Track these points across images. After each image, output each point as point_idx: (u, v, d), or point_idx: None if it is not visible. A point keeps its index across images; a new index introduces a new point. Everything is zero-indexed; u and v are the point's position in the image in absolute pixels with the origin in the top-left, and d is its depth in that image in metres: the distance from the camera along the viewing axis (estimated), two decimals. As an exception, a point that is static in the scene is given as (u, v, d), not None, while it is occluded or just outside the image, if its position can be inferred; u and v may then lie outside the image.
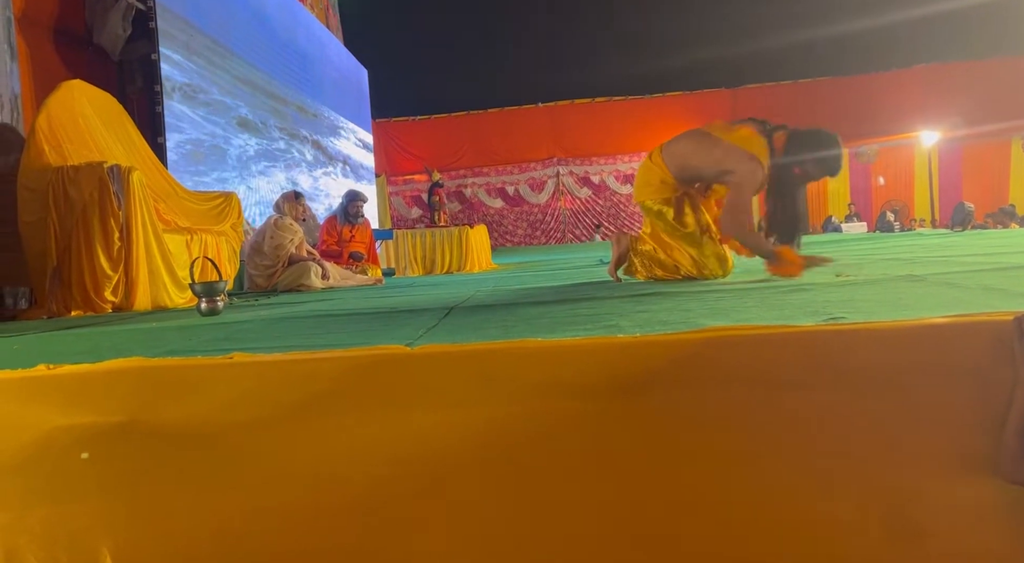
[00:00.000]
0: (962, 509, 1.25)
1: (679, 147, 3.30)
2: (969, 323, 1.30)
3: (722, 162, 3.11)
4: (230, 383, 1.36)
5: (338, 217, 6.58)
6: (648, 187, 3.35)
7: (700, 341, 1.34)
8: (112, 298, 3.76)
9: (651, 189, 3.33)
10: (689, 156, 3.25)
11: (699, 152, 3.21)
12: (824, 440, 1.28)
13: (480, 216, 18.17)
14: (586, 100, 18.55)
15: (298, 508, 1.33)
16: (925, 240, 7.17)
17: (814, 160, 3.02)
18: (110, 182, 3.78)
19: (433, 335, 1.76)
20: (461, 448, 1.33)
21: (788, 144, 3.03)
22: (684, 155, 3.27)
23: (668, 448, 1.32)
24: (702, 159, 3.20)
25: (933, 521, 1.25)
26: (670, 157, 3.30)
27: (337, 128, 11.56)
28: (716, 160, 3.13)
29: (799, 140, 3.03)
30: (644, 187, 3.38)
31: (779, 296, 2.13)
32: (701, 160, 3.21)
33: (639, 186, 3.43)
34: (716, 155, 3.13)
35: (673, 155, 3.30)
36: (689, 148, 3.26)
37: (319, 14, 12.57)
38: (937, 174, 16.29)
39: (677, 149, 3.30)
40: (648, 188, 3.35)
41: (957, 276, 2.42)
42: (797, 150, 3.01)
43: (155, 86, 5.91)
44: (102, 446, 1.34)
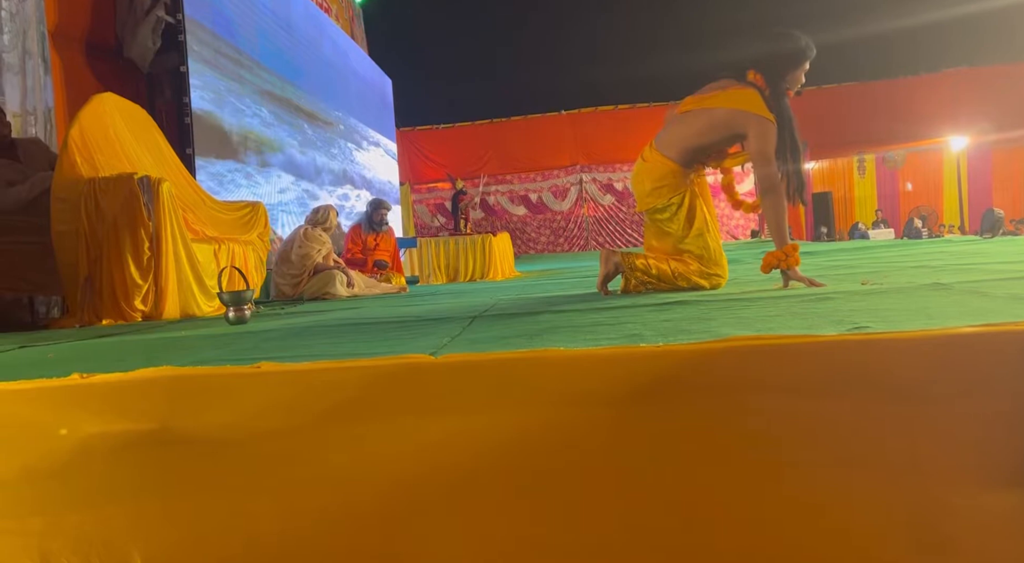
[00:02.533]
0: (990, 521, 1.23)
1: (672, 135, 3.25)
2: (996, 332, 1.29)
3: (730, 126, 3.08)
4: (258, 391, 1.38)
5: (363, 225, 6.64)
6: (655, 190, 3.26)
7: (723, 351, 1.34)
8: (142, 307, 3.82)
9: (658, 190, 3.25)
10: (689, 138, 3.19)
11: (697, 128, 3.17)
12: (849, 450, 1.28)
13: (503, 224, 18.21)
14: (609, 107, 18.56)
15: (326, 514, 1.35)
16: (953, 247, 7.07)
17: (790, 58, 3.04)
18: (140, 193, 3.84)
19: (457, 344, 1.77)
20: (485, 456, 1.34)
21: (765, 73, 3.04)
22: (684, 138, 3.21)
23: (691, 458, 1.32)
24: (704, 134, 3.16)
25: (960, 533, 1.24)
26: (668, 147, 3.24)
27: (362, 137, 11.66)
28: (716, 128, 3.11)
29: (769, 61, 3.05)
30: (651, 192, 3.28)
31: (804, 305, 2.12)
32: (703, 136, 3.17)
33: (645, 193, 3.32)
34: (716, 122, 3.10)
35: (670, 144, 3.24)
36: (684, 131, 3.21)
37: (344, 25, 12.71)
38: (966, 180, 16.07)
39: (671, 138, 3.25)
40: (655, 192, 3.26)
41: (985, 284, 2.39)
42: (774, 70, 3.04)
43: (183, 98, 6.01)
44: (135, 453, 1.36)
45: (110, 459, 1.36)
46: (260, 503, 1.36)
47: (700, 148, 3.23)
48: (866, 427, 1.27)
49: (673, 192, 3.24)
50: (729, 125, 3.10)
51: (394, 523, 1.35)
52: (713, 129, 3.14)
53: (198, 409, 1.39)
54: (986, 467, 1.24)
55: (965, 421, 1.25)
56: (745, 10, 19.48)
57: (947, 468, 1.25)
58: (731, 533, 1.30)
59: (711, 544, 1.30)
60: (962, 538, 1.24)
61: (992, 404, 1.25)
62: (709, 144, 3.22)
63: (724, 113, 3.08)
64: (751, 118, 3.01)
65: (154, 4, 5.84)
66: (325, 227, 5.62)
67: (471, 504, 1.34)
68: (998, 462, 1.24)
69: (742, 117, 3.03)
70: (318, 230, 5.57)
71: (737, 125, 3.07)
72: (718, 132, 3.15)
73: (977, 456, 1.25)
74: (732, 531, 1.30)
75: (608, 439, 1.33)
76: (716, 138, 3.19)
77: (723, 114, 3.08)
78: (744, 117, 3.03)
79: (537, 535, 1.33)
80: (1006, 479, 1.23)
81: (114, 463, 1.37)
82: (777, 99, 3.03)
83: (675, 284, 3.22)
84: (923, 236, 13.62)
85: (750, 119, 3.01)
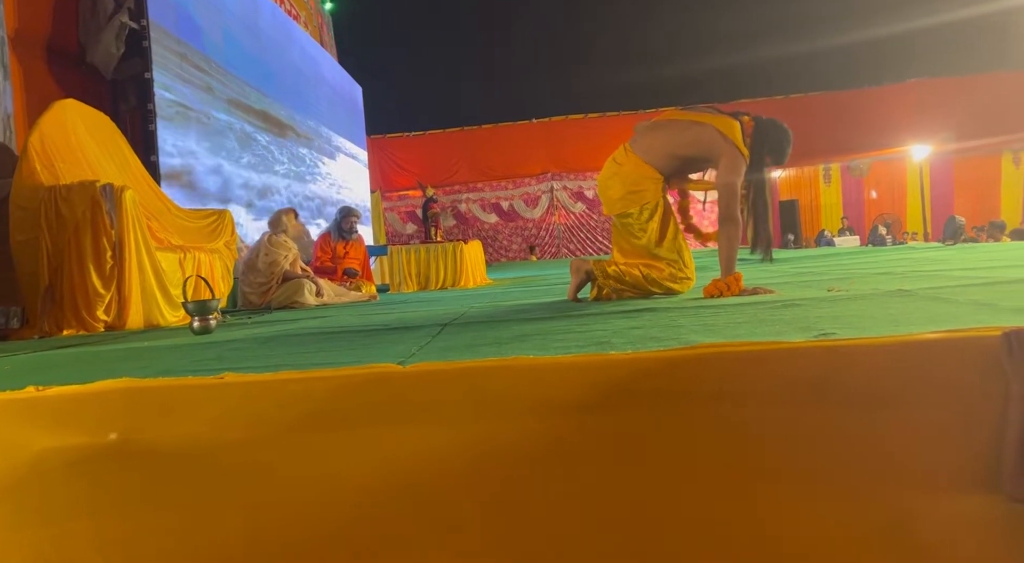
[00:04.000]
0: (960, 526, 1.25)
1: (656, 140, 3.25)
2: (959, 338, 1.30)
3: (711, 147, 3.11)
4: (221, 403, 1.36)
5: (332, 233, 6.58)
6: (629, 195, 3.25)
7: (692, 358, 1.35)
8: (104, 317, 3.75)
9: (631, 195, 3.24)
10: (678, 146, 3.21)
11: (685, 139, 3.18)
12: (819, 457, 1.28)
13: (475, 231, 18.20)
14: (579, 116, 18.66)
15: (293, 527, 1.33)
16: (916, 254, 7.19)
17: (776, 149, 3.11)
18: (103, 201, 3.77)
19: (426, 352, 1.76)
20: (454, 466, 1.32)
21: (757, 127, 3.10)
22: (671, 145, 3.21)
23: (662, 465, 1.32)
24: (691, 145, 3.18)
25: (932, 538, 1.25)
26: (649, 152, 3.24)
27: (331, 145, 11.59)
28: (701, 142, 3.14)
29: (763, 127, 3.11)
30: (623, 197, 3.26)
31: (771, 312, 2.13)
32: (690, 147, 3.19)
33: (616, 198, 3.30)
34: (703, 137, 3.13)
35: (652, 149, 3.23)
36: (671, 138, 3.22)
37: (313, 32, 12.64)
38: (929, 188, 16.38)
39: (654, 143, 3.25)
40: (628, 197, 3.25)
41: (947, 291, 2.43)
42: (763, 137, 3.09)
43: (148, 105, 5.92)
44: (93, 467, 1.33)
45: (67, 474, 1.33)
46: (224, 517, 1.34)
47: (683, 158, 3.25)
48: (834, 434, 1.28)
49: (645, 199, 3.24)
50: (711, 146, 3.13)
51: (363, 535, 1.33)
52: (698, 143, 3.16)
53: (159, 422, 1.36)
54: (955, 472, 1.25)
55: (932, 427, 1.26)
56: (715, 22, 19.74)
57: (917, 474, 1.26)
58: (701, 540, 1.30)
59: (682, 550, 1.30)
60: (934, 543, 1.24)
61: (957, 409, 1.26)
62: (689, 157, 3.25)
63: (712, 132, 3.11)
64: (730, 147, 3.06)
65: (117, 9, 5.75)
66: (288, 231, 5.53)
67: (441, 515, 1.32)
68: (966, 467, 1.25)
69: (723, 142, 3.08)
70: (282, 236, 5.50)
71: (716, 148, 3.11)
72: (700, 149, 3.18)
73: (946, 462, 1.26)
74: (702, 538, 1.30)
75: (578, 447, 1.32)
76: (696, 154, 3.21)
77: (711, 132, 3.11)
78: (725, 143, 3.07)
79: (509, 545, 1.31)
80: (975, 484, 1.24)
81: (71, 478, 1.33)
82: (758, 153, 3.09)
83: (648, 290, 3.23)
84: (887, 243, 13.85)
85: (729, 147, 3.06)
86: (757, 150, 3.09)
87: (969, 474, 1.25)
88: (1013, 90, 15.57)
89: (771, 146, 3.12)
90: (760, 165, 3.11)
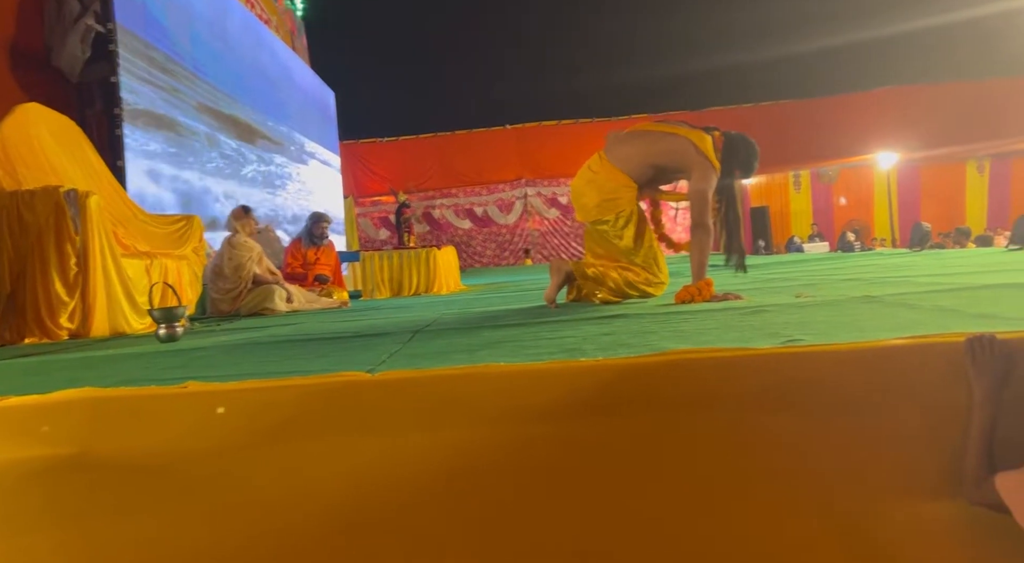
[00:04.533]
0: (921, 529, 1.26)
1: (632, 149, 3.28)
2: (924, 344, 1.32)
3: (684, 158, 3.16)
4: (185, 413, 1.33)
5: (302, 239, 6.52)
6: (604, 202, 3.28)
7: (662, 364, 1.35)
8: (68, 325, 3.68)
9: (607, 203, 3.28)
10: (652, 156, 3.25)
11: (660, 149, 3.23)
12: (785, 461, 1.29)
13: (448, 237, 18.16)
14: (553, 122, 18.71)
15: (260, 537, 1.31)
16: (884, 260, 7.31)
17: (744, 164, 3.19)
18: (67, 206, 3.71)
19: (396, 360, 1.74)
20: (424, 475, 1.31)
21: (726, 141, 3.17)
22: (646, 155, 3.25)
23: (631, 471, 1.32)
24: (664, 155, 3.23)
25: (893, 541, 1.26)
26: (624, 161, 3.27)
27: (303, 150, 11.50)
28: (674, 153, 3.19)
29: (733, 142, 3.18)
30: (598, 205, 3.30)
31: (739, 318, 2.15)
32: (663, 157, 3.23)
33: (592, 205, 3.33)
34: (677, 148, 3.18)
35: (628, 159, 3.27)
36: (647, 148, 3.25)
37: (284, 36, 12.56)
38: (896, 195, 16.65)
39: (630, 152, 3.28)
40: (603, 205, 3.28)
41: (913, 297, 2.47)
42: (733, 151, 3.16)
43: (115, 109, 5.83)
44: (55, 479, 1.30)
45: (28, 486, 1.29)
46: (189, 528, 1.31)
47: (657, 168, 3.30)
48: (800, 438, 1.29)
49: (620, 207, 3.28)
50: (684, 157, 3.18)
51: (332, 546, 1.31)
52: (672, 153, 3.21)
53: (122, 432, 1.33)
54: (918, 476, 1.27)
55: (896, 431, 1.27)
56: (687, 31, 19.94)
57: (880, 478, 1.27)
58: (668, 543, 1.30)
59: (650, 554, 1.30)
60: (895, 547, 1.26)
61: (922, 414, 1.28)
62: (663, 167, 3.29)
63: (685, 143, 3.16)
64: (702, 158, 3.12)
65: (83, 12, 5.66)
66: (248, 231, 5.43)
67: (411, 524, 1.31)
68: (929, 471, 1.26)
69: (695, 154, 3.14)
70: (241, 236, 5.40)
71: (689, 159, 3.16)
72: (674, 159, 3.22)
73: (909, 466, 1.27)
74: (669, 541, 1.30)
75: (550, 454, 1.32)
76: (670, 164, 3.26)
77: (684, 144, 3.16)
78: (697, 155, 3.13)
79: (481, 554, 1.31)
80: (937, 488, 1.26)
81: (33, 490, 1.30)
82: (727, 166, 3.16)
83: (625, 292, 3.28)
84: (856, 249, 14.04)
85: (701, 159, 3.12)
86: (727, 163, 3.16)
87: (933, 478, 1.26)
88: (978, 99, 15.90)
89: (740, 161, 3.19)
90: (730, 177, 3.19)
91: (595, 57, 21.40)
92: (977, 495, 1.21)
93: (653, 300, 3.25)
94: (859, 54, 17.84)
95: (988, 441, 1.21)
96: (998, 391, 1.22)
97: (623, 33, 21.20)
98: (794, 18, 18.12)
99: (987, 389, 1.22)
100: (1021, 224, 8.62)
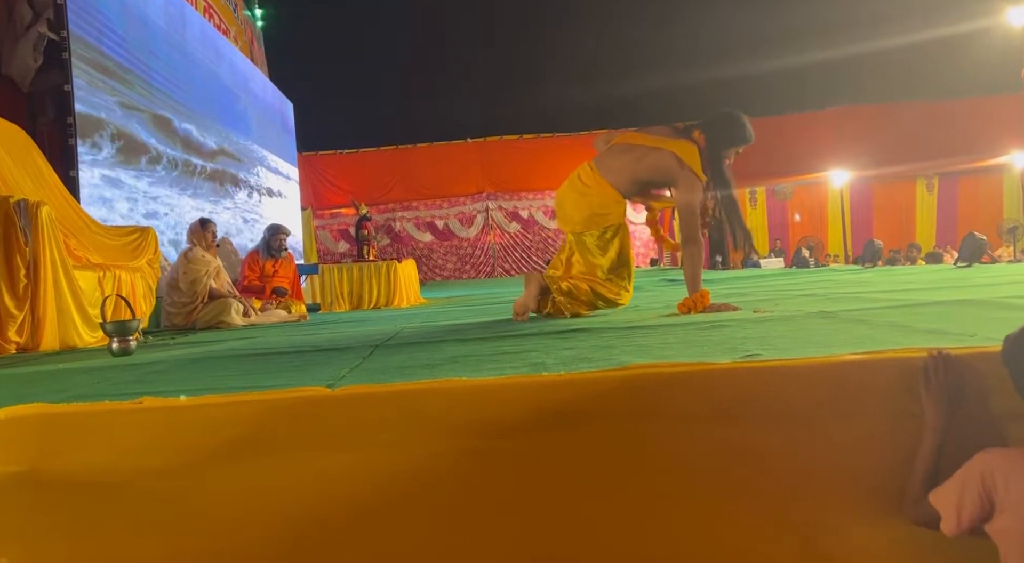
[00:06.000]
0: (873, 543, 1.28)
1: (620, 163, 3.30)
2: (878, 360, 1.35)
3: (669, 172, 3.20)
4: (140, 429, 1.30)
5: (260, 251, 6.43)
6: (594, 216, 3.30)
7: (623, 379, 1.36)
8: (16, 338, 3.58)
9: (597, 217, 3.30)
10: (639, 171, 3.28)
11: (646, 164, 3.25)
12: (743, 474, 1.31)
13: (409, 250, 18.09)
14: (514, 136, 18.81)
15: (217, 555, 1.28)
16: (838, 276, 7.47)
17: (732, 138, 3.22)
18: (16, 217, 3.61)
19: (356, 375, 1.73)
20: (385, 491, 1.30)
21: (707, 136, 3.19)
22: (633, 170, 3.28)
23: (592, 484, 1.32)
24: (651, 171, 3.26)
25: (845, 555, 1.28)
26: (614, 174, 3.29)
27: (260, 162, 11.37)
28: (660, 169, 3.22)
29: (713, 127, 3.21)
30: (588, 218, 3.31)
31: (699, 333, 2.17)
32: (650, 172, 3.26)
33: (581, 218, 3.34)
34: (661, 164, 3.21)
35: (618, 172, 3.29)
36: (634, 164, 3.28)
37: (243, 47, 12.43)
38: (849, 212, 17.04)
39: (618, 165, 3.30)
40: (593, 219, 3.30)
41: (866, 312, 2.52)
42: (717, 137, 3.19)
43: (68, 118, 5.70)
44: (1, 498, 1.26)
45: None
46: (144, 547, 1.28)
47: (644, 183, 3.34)
48: (757, 452, 1.30)
49: (609, 222, 3.31)
50: (669, 171, 3.22)
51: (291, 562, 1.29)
52: (658, 169, 3.25)
53: (73, 449, 1.30)
54: (869, 490, 1.29)
55: (850, 446, 1.30)
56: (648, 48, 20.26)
57: (833, 491, 1.30)
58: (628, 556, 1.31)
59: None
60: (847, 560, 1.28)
61: (874, 429, 1.30)
62: (650, 182, 3.34)
63: (670, 157, 3.20)
64: (686, 172, 3.15)
65: (36, 19, 5.53)
66: (205, 244, 5.34)
67: (371, 539, 1.30)
68: (880, 486, 1.29)
69: (679, 169, 3.17)
70: (198, 250, 5.32)
71: (674, 173, 3.20)
72: (660, 173, 3.27)
73: (861, 480, 1.30)
74: (629, 554, 1.31)
75: (510, 468, 1.32)
76: (657, 179, 3.31)
77: (669, 158, 3.20)
78: (681, 169, 3.16)
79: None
80: (888, 502, 1.28)
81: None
82: (716, 163, 3.20)
83: (595, 304, 3.34)
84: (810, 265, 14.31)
85: (685, 172, 3.15)
86: (714, 159, 3.18)
87: (884, 492, 1.29)
88: (927, 118, 16.38)
89: (726, 140, 3.21)
90: (722, 174, 3.21)
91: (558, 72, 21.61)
92: (915, 513, 1.23)
93: (614, 314, 3.27)
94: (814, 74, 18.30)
95: (936, 461, 1.23)
96: (950, 415, 1.24)
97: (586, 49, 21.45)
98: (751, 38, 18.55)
99: (940, 413, 1.24)
100: (967, 242, 8.90)
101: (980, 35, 13.90)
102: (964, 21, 13.88)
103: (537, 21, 22.16)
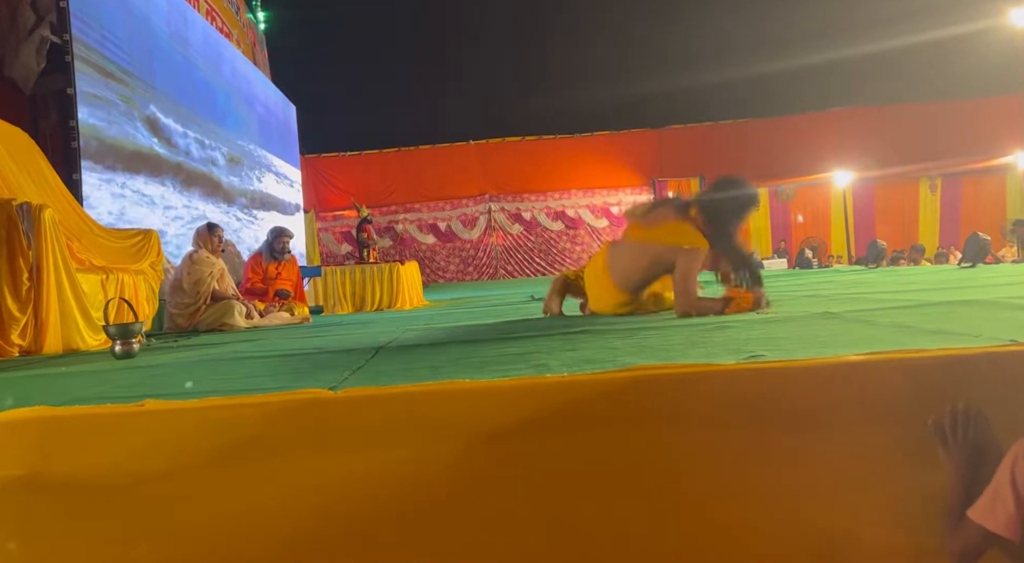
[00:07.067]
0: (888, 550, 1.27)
1: (622, 267, 3.40)
2: (883, 360, 1.34)
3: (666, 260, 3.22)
4: (142, 431, 1.30)
5: (263, 254, 6.43)
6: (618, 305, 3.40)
7: (627, 380, 1.35)
8: (20, 341, 3.58)
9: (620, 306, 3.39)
10: (638, 272, 3.35)
11: (643, 265, 3.32)
12: (750, 476, 1.30)
13: (412, 252, 18.09)
14: (516, 138, 18.81)
15: (219, 558, 1.27)
16: (841, 277, 7.45)
17: (734, 206, 3.22)
18: (19, 220, 3.61)
19: (359, 377, 1.72)
20: (387, 493, 1.30)
21: (705, 211, 3.21)
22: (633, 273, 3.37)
23: (597, 487, 1.32)
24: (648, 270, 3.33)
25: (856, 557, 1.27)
26: (621, 280, 3.38)
27: (264, 165, 11.38)
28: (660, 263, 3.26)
29: (711, 201, 3.24)
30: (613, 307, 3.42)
31: (704, 334, 2.17)
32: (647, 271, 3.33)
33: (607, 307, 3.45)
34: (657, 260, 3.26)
35: (624, 278, 3.38)
36: (633, 267, 3.36)
37: (246, 50, 12.45)
38: (852, 213, 17.03)
39: (621, 269, 3.40)
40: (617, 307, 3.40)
41: (871, 313, 2.51)
42: (714, 210, 3.20)
43: (70, 121, 5.71)
44: (1, 501, 1.26)
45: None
46: (145, 550, 1.28)
47: (646, 281, 3.41)
48: (766, 453, 1.30)
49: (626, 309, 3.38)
50: (666, 260, 3.25)
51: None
52: (655, 266, 3.31)
53: (74, 453, 1.29)
54: (881, 496, 1.28)
55: (856, 448, 1.29)
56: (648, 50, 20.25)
57: (845, 497, 1.29)
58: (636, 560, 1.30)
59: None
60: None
61: (881, 430, 1.29)
62: (653, 277, 3.40)
63: (663, 250, 3.24)
64: (681, 250, 3.17)
65: (39, 23, 5.54)
66: (211, 248, 5.35)
67: (374, 542, 1.29)
68: (889, 491, 1.28)
69: (675, 251, 3.19)
70: (203, 252, 5.32)
71: (672, 257, 3.23)
72: (658, 268, 3.32)
73: (872, 485, 1.29)
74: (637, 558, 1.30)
75: (514, 470, 1.31)
76: (658, 272, 3.36)
77: (662, 251, 3.25)
78: (676, 251, 3.19)
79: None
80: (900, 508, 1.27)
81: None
82: (728, 239, 3.22)
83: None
84: (813, 266, 14.30)
85: (680, 251, 3.17)
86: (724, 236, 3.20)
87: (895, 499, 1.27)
88: (929, 119, 16.37)
89: (734, 212, 3.24)
90: (736, 250, 3.26)
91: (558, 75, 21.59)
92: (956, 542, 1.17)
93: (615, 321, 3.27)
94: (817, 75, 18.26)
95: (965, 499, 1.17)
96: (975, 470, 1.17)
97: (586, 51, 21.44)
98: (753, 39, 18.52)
99: (963, 469, 1.18)
100: (971, 243, 8.87)
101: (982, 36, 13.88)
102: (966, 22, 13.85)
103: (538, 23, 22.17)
